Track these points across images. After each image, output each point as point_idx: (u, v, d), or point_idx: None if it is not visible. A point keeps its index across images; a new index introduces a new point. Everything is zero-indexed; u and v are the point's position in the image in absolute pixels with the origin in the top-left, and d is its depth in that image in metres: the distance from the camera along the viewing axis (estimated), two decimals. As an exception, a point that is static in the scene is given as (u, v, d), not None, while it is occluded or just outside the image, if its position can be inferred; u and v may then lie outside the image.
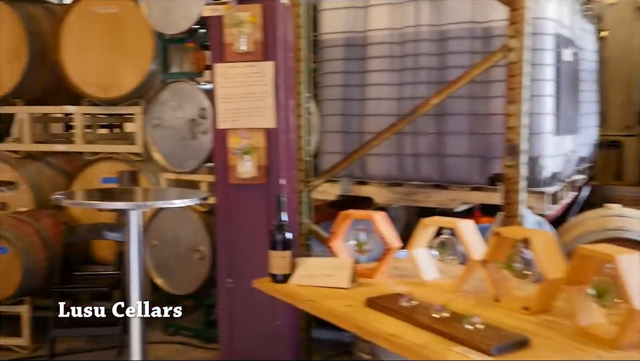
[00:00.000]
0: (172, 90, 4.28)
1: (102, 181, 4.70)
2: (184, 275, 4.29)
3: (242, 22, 2.84)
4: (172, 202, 2.86)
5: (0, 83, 4.67)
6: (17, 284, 4.12)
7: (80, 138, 4.73)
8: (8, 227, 4.20)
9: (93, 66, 4.55)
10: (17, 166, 4.70)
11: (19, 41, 4.60)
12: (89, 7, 4.53)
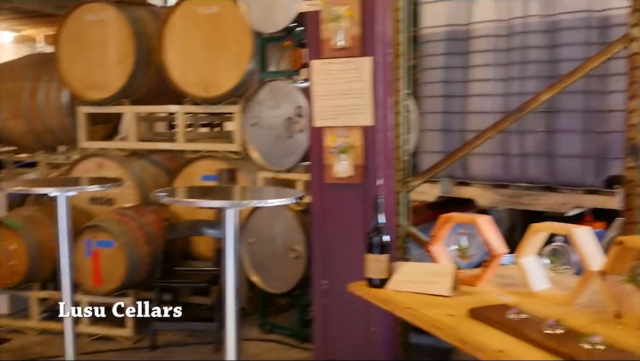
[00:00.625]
0: (269, 89, 4.28)
1: (201, 178, 4.79)
2: (279, 274, 4.28)
3: (339, 17, 2.76)
4: (266, 201, 2.82)
5: (110, 84, 4.86)
6: (121, 278, 4.27)
7: (182, 137, 4.83)
8: (114, 222, 4.36)
9: (194, 65, 4.63)
10: (123, 163, 4.87)
11: (126, 43, 4.76)
12: (191, 7, 4.61)
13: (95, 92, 4.92)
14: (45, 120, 5.55)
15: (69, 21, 4.94)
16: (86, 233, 4.35)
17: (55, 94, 5.45)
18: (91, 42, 4.87)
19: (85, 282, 4.38)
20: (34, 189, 3.33)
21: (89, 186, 3.67)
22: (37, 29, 7.21)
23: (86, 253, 4.37)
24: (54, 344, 4.32)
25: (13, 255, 4.47)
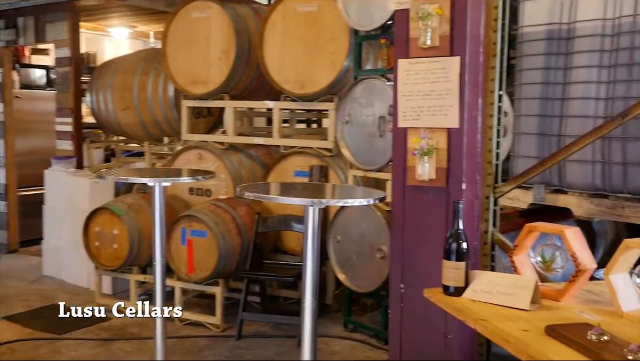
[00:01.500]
0: (363, 87, 4.27)
1: (294, 174, 4.86)
2: (365, 273, 4.26)
3: (428, 15, 2.69)
4: (346, 201, 2.81)
5: (211, 79, 5.04)
6: (212, 267, 4.42)
7: (278, 132, 4.92)
8: (208, 213, 4.52)
9: (291, 63, 4.70)
10: (221, 156, 5.04)
11: (228, 40, 4.92)
12: (291, 5, 4.68)
13: (198, 87, 5.12)
14: (152, 112, 5.86)
15: (176, 18, 5.17)
16: (182, 221, 4.55)
17: (162, 87, 5.76)
18: (196, 39, 5.08)
19: (180, 269, 4.57)
20: (131, 178, 3.52)
21: (181, 177, 3.83)
22: (150, 26, 7.61)
23: (182, 241, 4.56)
24: (148, 326, 4.56)
25: (116, 239, 4.76)
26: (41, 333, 4.46)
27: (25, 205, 6.89)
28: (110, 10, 6.62)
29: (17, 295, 5.36)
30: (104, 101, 6.15)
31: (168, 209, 4.70)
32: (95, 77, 6.36)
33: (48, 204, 5.98)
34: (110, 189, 5.69)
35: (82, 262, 5.24)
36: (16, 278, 5.90)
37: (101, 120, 6.34)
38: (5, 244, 6.87)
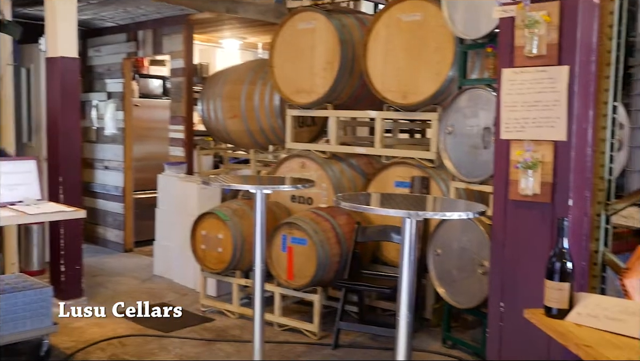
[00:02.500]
0: (468, 97, 4.17)
1: (395, 184, 4.83)
2: (466, 288, 4.15)
3: (535, 23, 2.58)
4: (445, 214, 2.76)
5: (315, 89, 5.13)
6: (311, 275, 4.48)
7: (379, 142, 4.92)
8: (308, 221, 4.58)
9: (394, 72, 4.68)
10: (323, 165, 5.10)
11: (333, 50, 4.98)
12: (396, 15, 4.67)
13: (302, 97, 5.22)
14: (258, 120, 6.05)
15: (283, 29, 5.31)
16: (283, 228, 4.65)
17: (268, 97, 5.92)
18: (301, 49, 5.18)
19: (280, 275, 4.67)
20: (234, 185, 3.64)
21: (283, 185, 3.91)
22: (259, 37, 7.87)
23: (282, 248, 4.66)
24: (248, 329, 4.69)
25: (220, 243, 4.94)
26: (150, 330, 4.71)
27: (139, 207, 7.32)
28: (223, 22, 6.92)
29: (129, 292, 5.70)
30: (213, 110, 6.42)
31: (270, 215, 4.84)
32: (206, 86, 6.65)
33: (160, 207, 6.32)
34: (217, 194, 5.92)
35: (190, 264, 5.48)
36: (130, 276, 6.27)
37: (211, 128, 6.62)
38: (121, 244, 7.33)
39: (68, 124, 5.26)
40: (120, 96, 7.28)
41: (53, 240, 5.32)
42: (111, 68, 7.41)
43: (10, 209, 3.36)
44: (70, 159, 5.27)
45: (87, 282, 5.59)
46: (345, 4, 5.57)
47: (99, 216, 7.55)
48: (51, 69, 5.29)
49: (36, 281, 4.31)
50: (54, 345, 4.30)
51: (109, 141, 7.42)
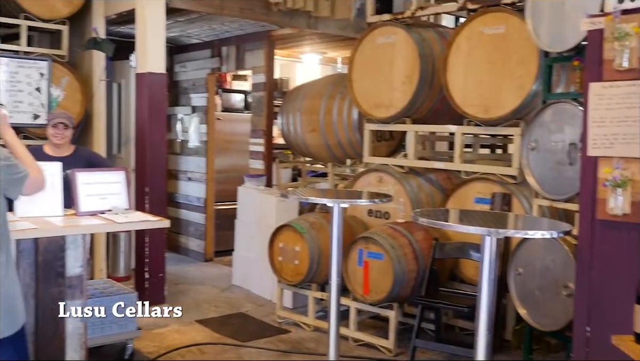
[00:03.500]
0: (553, 111, 4.04)
1: (475, 201, 4.73)
2: (549, 310, 4.00)
3: (626, 35, 2.48)
4: (527, 232, 2.67)
5: (394, 103, 5.11)
6: (387, 290, 4.45)
7: (459, 157, 4.84)
8: (385, 236, 4.56)
9: (476, 86, 4.60)
10: (401, 179, 5.07)
11: (412, 64, 4.96)
12: (478, 28, 4.60)
13: (380, 111, 5.22)
14: (336, 134, 6.09)
15: (362, 44, 5.34)
16: (359, 243, 4.64)
17: (346, 111, 5.96)
18: (380, 63, 5.19)
19: (356, 289, 4.67)
20: (311, 198, 3.68)
21: (360, 199, 3.92)
22: (338, 52, 7.95)
23: (358, 262, 4.66)
24: (324, 342, 4.70)
25: (297, 256, 4.99)
26: (228, 339, 4.82)
27: (220, 218, 7.53)
28: (303, 38, 7.04)
29: (209, 301, 5.86)
30: (293, 124, 6.52)
31: (347, 229, 4.85)
32: (286, 101, 6.78)
33: (240, 218, 6.47)
34: (295, 207, 6.00)
35: (267, 275, 5.57)
36: (209, 285, 6.44)
37: (290, 141, 6.73)
38: (202, 253, 7.55)
39: (155, 137, 5.49)
40: (203, 109, 7.53)
41: (138, 248, 5.55)
42: (196, 83, 7.68)
43: (100, 217, 3.54)
44: (156, 170, 5.50)
45: (170, 289, 5.79)
46: (426, 17, 5.55)
47: (181, 226, 7.81)
48: (140, 84, 5.55)
49: (122, 287, 4.51)
50: (137, 349, 4.47)
51: (192, 153, 7.68)
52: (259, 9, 5.98)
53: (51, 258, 3.22)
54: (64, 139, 4.36)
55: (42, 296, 3.18)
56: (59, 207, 3.50)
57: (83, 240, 3.35)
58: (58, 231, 3.24)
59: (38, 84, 5.39)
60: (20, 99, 5.33)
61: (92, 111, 5.87)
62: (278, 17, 6.08)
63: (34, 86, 5.37)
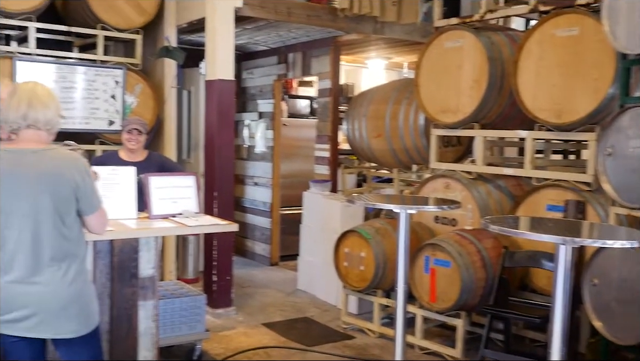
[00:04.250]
0: (631, 116, 3.86)
1: (547, 208, 4.58)
2: (627, 323, 3.82)
3: None
4: (605, 241, 2.56)
5: (462, 108, 5.02)
6: (455, 298, 4.37)
7: (530, 163, 4.70)
8: (452, 243, 4.48)
9: (547, 90, 4.47)
10: (468, 186, 4.97)
11: (480, 69, 4.86)
12: (549, 30, 4.46)
13: (447, 116, 5.14)
14: (402, 140, 6.04)
15: (429, 48, 5.27)
16: (426, 249, 4.58)
17: (412, 116, 5.91)
18: (447, 68, 5.11)
19: (422, 297, 4.60)
20: (378, 204, 3.66)
21: (427, 205, 3.86)
22: (404, 57, 7.89)
23: (425, 269, 4.59)
24: (389, 349, 4.67)
25: (362, 262, 4.97)
26: (293, 343, 4.84)
27: (285, 223, 7.59)
28: (369, 43, 7.03)
29: (275, 305, 5.91)
30: (358, 129, 6.51)
31: (413, 236, 4.79)
32: (351, 106, 6.77)
33: (305, 223, 6.50)
34: (360, 212, 5.98)
35: (332, 280, 5.57)
36: (275, 289, 6.50)
37: (355, 147, 6.72)
38: (268, 257, 7.63)
39: (223, 142, 5.60)
40: (270, 115, 7.62)
41: (207, 251, 5.66)
42: (263, 89, 7.79)
43: (171, 220, 3.63)
44: (224, 175, 5.60)
45: (236, 292, 5.88)
46: (495, 21, 5.43)
47: (248, 230, 7.92)
48: (209, 90, 5.68)
49: (191, 289, 4.61)
50: (205, 350, 4.55)
51: (258, 159, 7.79)
52: (326, 16, 6.01)
53: (125, 259, 3.32)
54: (137, 145, 4.50)
55: (116, 296, 3.29)
56: (133, 210, 3.62)
57: (155, 242, 3.44)
58: (132, 233, 3.34)
59: (113, 92, 5.60)
60: (97, 106, 5.55)
61: (164, 117, 6.05)
62: (344, 23, 6.10)
63: (109, 94, 5.58)
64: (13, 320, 2.49)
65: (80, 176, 2.56)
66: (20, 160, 2.51)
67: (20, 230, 2.48)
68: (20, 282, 2.48)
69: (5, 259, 2.48)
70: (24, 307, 2.48)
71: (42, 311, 2.50)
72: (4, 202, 2.47)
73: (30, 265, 2.48)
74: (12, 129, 2.56)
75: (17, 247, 2.48)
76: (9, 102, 2.56)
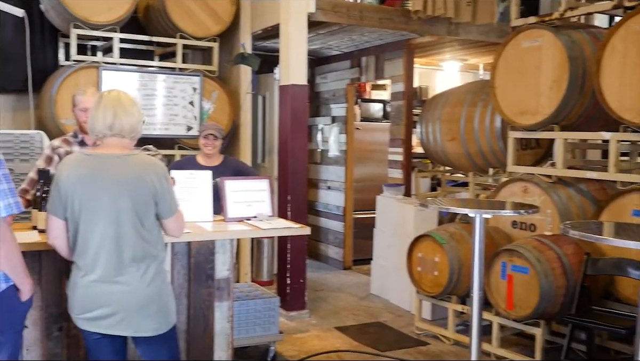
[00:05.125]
0: None
1: (632, 213, 4.36)
2: None
3: None
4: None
5: (541, 109, 4.86)
6: (533, 306, 4.22)
7: (614, 166, 4.48)
8: (531, 248, 4.33)
9: (633, 90, 4.25)
10: (548, 190, 4.80)
11: (560, 68, 4.68)
12: (635, 27, 4.24)
13: (526, 118, 4.98)
14: (478, 143, 5.91)
15: (506, 49, 5.13)
16: (503, 255, 4.45)
17: (488, 119, 5.76)
18: (525, 68, 4.96)
19: (499, 304, 4.47)
20: (452, 208, 3.58)
21: (503, 210, 3.74)
22: (480, 58, 7.72)
23: (502, 276, 4.46)
24: (463, 357, 4.57)
25: (436, 267, 4.89)
26: (366, 347, 4.82)
27: (358, 227, 7.58)
28: (443, 45, 6.93)
29: (347, 309, 5.91)
30: (432, 132, 6.42)
31: (489, 241, 4.67)
32: (425, 109, 6.69)
33: (378, 227, 6.47)
34: (434, 217, 5.89)
35: (405, 285, 5.51)
36: (348, 293, 6.50)
37: (429, 150, 6.63)
38: (341, 261, 7.64)
39: (296, 146, 5.65)
40: (343, 119, 7.64)
41: (281, 254, 5.73)
42: (336, 93, 7.83)
43: (246, 223, 3.69)
44: (297, 178, 5.66)
45: (310, 295, 5.92)
46: (576, 18, 5.22)
47: (321, 234, 7.97)
48: (283, 95, 5.75)
49: (266, 291, 4.67)
50: (279, 352, 4.60)
51: (332, 163, 7.82)
52: (398, 18, 5.97)
53: (202, 261, 3.41)
54: (214, 149, 4.61)
55: (193, 296, 3.38)
56: (209, 213, 3.71)
57: (230, 245, 3.51)
58: (209, 236, 3.42)
59: (191, 98, 5.77)
60: (176, 112, 5.74)
61: (239, 122, 6.18)
62: (417, 26, 6.03)
63: (187, 100, 5.76)
64: (95, 317, 2.60)
65: (158, 180, 2.65)
66: (104, 165, 2.63)
67: (103, 232, 2.59)
68: (103, 281, 2.59)
69: (89, 260, 2.60)
70: (106, 305, 2.59)
71: (123, 309, 2.60)
72: (87, 204, 2.59)
73: (112, 265, 2.59)
74: (98, 137, 2.68)
75: (99, 248, 2.59)
76: (95, 113, 2.68)
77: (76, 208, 2.59)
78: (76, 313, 2.65)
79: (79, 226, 2.61)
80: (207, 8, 5.90)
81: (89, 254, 2.60)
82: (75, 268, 2.66)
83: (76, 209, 2.59)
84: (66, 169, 2.65)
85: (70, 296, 2.68)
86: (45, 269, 3.02)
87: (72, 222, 2.62)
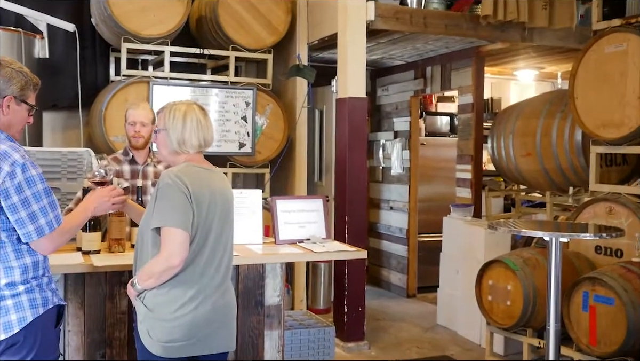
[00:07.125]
0: None
1: None
2: None
3: None
4: None
5: (627, 121, 4.68)
6: (619, 341, 4.04)
7: None
8: (616, 277, 4.15)
9: None
10: (637, 211, 4.60)
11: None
12: None
13: (609, 131, 4.81)
14: (556, 159, 5.74)
15: (586, 55, 4.99)
16: (584, 284, 4.28)
17: (568, 132, 5.60)
18: (609, 76, 4.80)
19: (580, 339, 4.29)
20: (524, 231, 3.47)
21: (583, 233, 3.59)
22: (558, 66, 7.52)
23: (583, 307, 4.29)
24: (540, 397, 4.39)
25: (509, 296, 4.74)
26: (430, 384, 4.71)
27: (423, 251, 7.46)
28: (517, 52, 6.79)
29: (411, 340, 5.80)
30: (504, 147, 6.28)
31: (569, 268, 4.51)
32: (496, 122, 6.56)
33: (445, 251, 6.35)
34: (507, 240, 5.73)
35: (475, 315, 5.37)
36: (412, 323, 6.39)
37: (501, 167, 6.48)
38: (404, 288, 7.53)
39: (354, 163, 5.63)
40: (406, 134, 7.58)
41: (338, 280, 5.70)
42: (398, 106, 7.78)
43: (298, 246, 3.69)
44: (356, 198, 5.62)
45: (369, 325, 5.85)
46: (667, 19, 5.02)
47: (383, 258, 7.89)
48: (340, 109, 5.75)
49: (320, 320, 4.65)
50: (335, 386, 4.56)
51: (394, 181, 7.75)
52: (466, 24, 5.89)
53: (251, 286, 3.42)
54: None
55: (242, 323, 3.38)
56: (259, 235, 3.72)
57: (281, 269, 3.51)
58: (258, 259, 3.44)
59: (244, 113, 5.86)
60: (228, 128, 5.83)
61: (295, 137, 6.21)
62: (487, 32, 5.93)
63: (240, 115, 5.85)
64: (205, 336, 2.61)
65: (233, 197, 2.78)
66: (212, 179, 2.69)
67: (211, 248, 2.63)
68: (210, 297, 2.61)
69: (196, 276, 2.59)
70: (214, 322, 2.63)
71: (226, 325, 2.69)
72: (204, 220, 2.59)
73: (218, 281, 2.65)
74: (183, 152, 2.67)
75: (207, 264, 2.61)
76: (181, 128, 2.65)
77: (199, 225, 2.58)
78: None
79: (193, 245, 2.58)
80: (261, 18, 6.00)
81: (197, 270, 2.60)
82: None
83: (199, 225, 2.58)
84: (197, 182, 2.60)
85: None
86: (88, 293, 3.10)
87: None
